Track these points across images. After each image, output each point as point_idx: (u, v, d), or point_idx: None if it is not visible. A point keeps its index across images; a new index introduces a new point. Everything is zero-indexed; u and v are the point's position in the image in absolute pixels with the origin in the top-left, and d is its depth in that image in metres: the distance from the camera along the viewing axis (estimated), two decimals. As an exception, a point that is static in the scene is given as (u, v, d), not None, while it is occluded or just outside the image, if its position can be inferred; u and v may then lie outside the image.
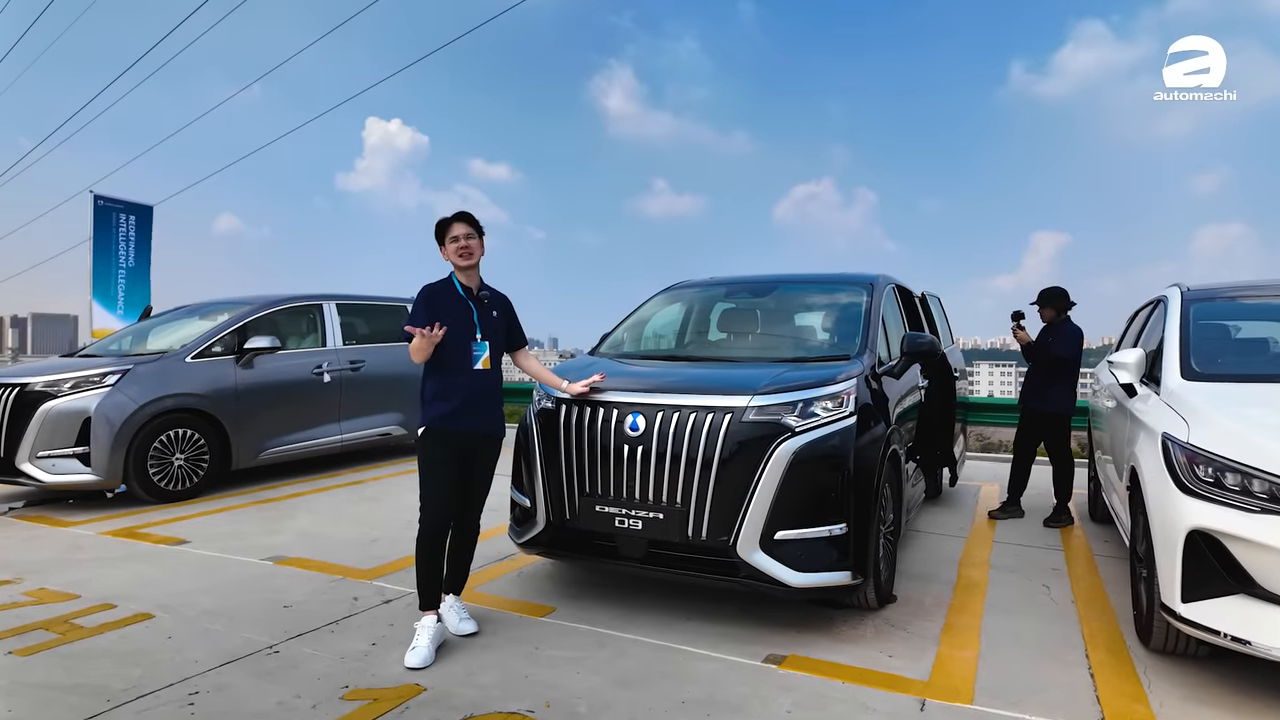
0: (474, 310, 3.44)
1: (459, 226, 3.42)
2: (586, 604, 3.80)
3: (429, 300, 3.40)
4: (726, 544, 3.29)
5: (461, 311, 3.41)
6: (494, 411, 3.51)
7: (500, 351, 3.57)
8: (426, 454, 3.34)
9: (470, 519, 3.51)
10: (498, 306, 3.55)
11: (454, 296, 3.44)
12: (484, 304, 3.48)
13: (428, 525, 3.33)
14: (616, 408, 3.56)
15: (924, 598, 3.99)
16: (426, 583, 3.32)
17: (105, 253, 14.65)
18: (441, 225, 3.47)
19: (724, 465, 3.31)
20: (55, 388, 5.93)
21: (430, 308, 3.35)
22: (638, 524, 3.43)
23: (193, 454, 6.38)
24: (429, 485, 3.33)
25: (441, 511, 3.34)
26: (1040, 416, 5.87)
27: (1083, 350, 5.83)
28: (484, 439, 3.46)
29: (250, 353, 6.84)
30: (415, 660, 3.07)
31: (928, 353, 4.52)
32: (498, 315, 3.53)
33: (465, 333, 3.37)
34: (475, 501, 3.52)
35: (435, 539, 3.34)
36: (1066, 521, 5.67)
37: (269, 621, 3.55)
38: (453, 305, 3.40)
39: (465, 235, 3.41)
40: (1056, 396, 5.77)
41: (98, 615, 3.61)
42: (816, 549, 3.29)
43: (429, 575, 3.33)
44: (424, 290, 3.46)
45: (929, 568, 4.54)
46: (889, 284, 5.06)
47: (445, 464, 3.32)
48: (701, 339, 4.95)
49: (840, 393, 3.50)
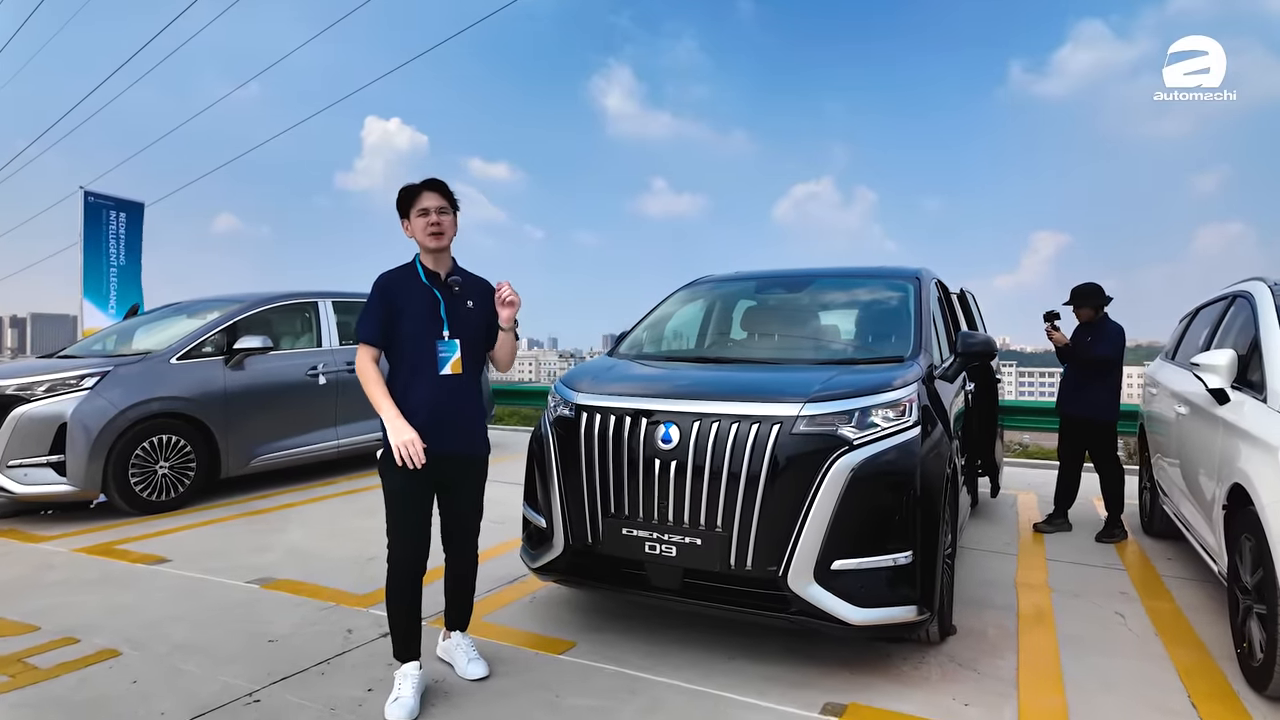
0: (441, 300, 2.78)
1: (429, 197, 2.74)
2: (610, 638, 3.37)
3: (386, 291, 2.75)
4: (775, 575, 2.85)
5: (425, 303, 2.76)
6: (472, 425, 2.86)
7: (479, 351, 2.88)
8: (390, 483, 2.72)
9: (464, 555, 2.94)
10: (475, 294, 2.87)
11: (417, 285, 2.79)
12: (455, 293, 2.81)
13: (396, 570, 2.75)
14: (646, 416, 3.12)
15: (986, 628, 3.56)
16: (401, 633, 2.78)
17: (96, 251, 14.22)
18: (406, 194, 2.77)
19: (771, 483, 2.88)
20: (28, 391, 5.49)
21: (387, 301, 2.73)
22: (671, 550, 3.00)
23: (178, 462, 5.94)
24: (395, 522, 2.74)
25: (412, 554, 2.75)
26: (1082, 422, 5.43)
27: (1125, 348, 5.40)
28: (462, 462, 2.82)
29: (240, 353, 6.41)
30: (399, 714, 2.61)
31: (982, 353, 4.08)
32: (474, 306, 2.84)
33: (429, 329, 2.74)
34: (466, 536, 2.92)
35: (406, 586, 2.76)
36: (1120, 536, 5.23)
37: (251, 660, 3.12)
38: (415, 295, 2.77)
39: (438, 209, 2.74)
40: (1099, 400, 5.32)
41: (57, 652, 3.18)
42: (879, 580, 2.86)
43: (403, 625, 2.77)
44: (380, 280, 2.79)
45: (983, 591, 4.11)
46: (933, 278, 4.63)
47: (414, 496, 2.73)
48: (733, 339, 4.50)
49: (901, 400, 3.07)
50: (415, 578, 2.77)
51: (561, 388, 3.51)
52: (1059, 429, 5.74)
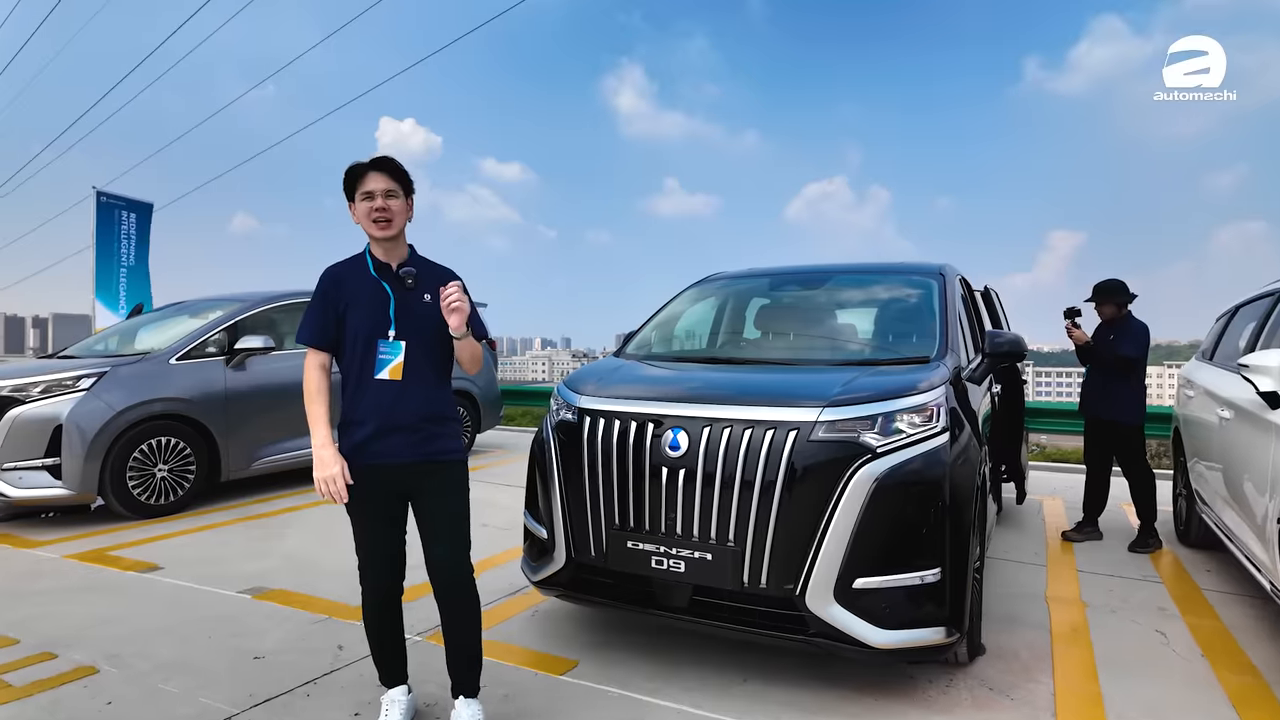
0: (390, 296, 2.44)
1: (375, 179, 2.38)
2: (616, 655, 3.17)
3: (329, 287, 2.44)
4: (792, 593, 2.64)
5: (372, 298, 2.42)
6: (432, 430, 2.44)
7: (437, 351, 2.48)
8: (351, 501, 2.42)
9: (454, 581, 2.48)
10: (433, 287, 2.46)
11: (365, 278, 2.45)
12: (407, 286, 2.44)
13: (370, 596, 2.50)
14: (652, 421, 2.92)
15: (1018, 647, 3.33)
16: (382, 659, 2.56)
17: (107, 251, 14.21)
18: (350, 175, 2.41)
19: (788, 494, 2.67)
20: (23, 392, 5.36)
21: (332, 298, 2.42)
22: (679, 565, 2.79)
23: (177, 465, 5.80)
24: (361, 543, 2.47)
25: (384, 576, 2.47)
26: (1108, 425, 5.17)
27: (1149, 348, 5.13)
28: (422, 470, 2.43)
29: (242, 353, 6.26)
30: None
31: (1011, 353, 3.85)
32: (433, 300, 2.45)
33: (374, 327, 2.40)
34: (450, 554, 2.47)
35: (383, 611, 2.50)
36: (1155, 546, 4.97)
37: (234, 679, 2.94)
38: (363, 290, 2.43)
39: (384, 192, 2.38)
40: (1125, 402, 5.05)
41: (33, 669, 3.01)
42: (905, 600, 2.64)
43: (385, 651, 2.54)
44: (324, 274, 2.48)
45: (1012, 606, 3.87)
46: (956, 274, 4.40)
47: (376, 513, 2.44)
48: (746, 338, 4.29)
49: (927, 404, 2.85)
50: (390, 600, 2.51)
51: (564, 390, 3.31)
52: (1084, 432, 5.48)
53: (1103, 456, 5.30)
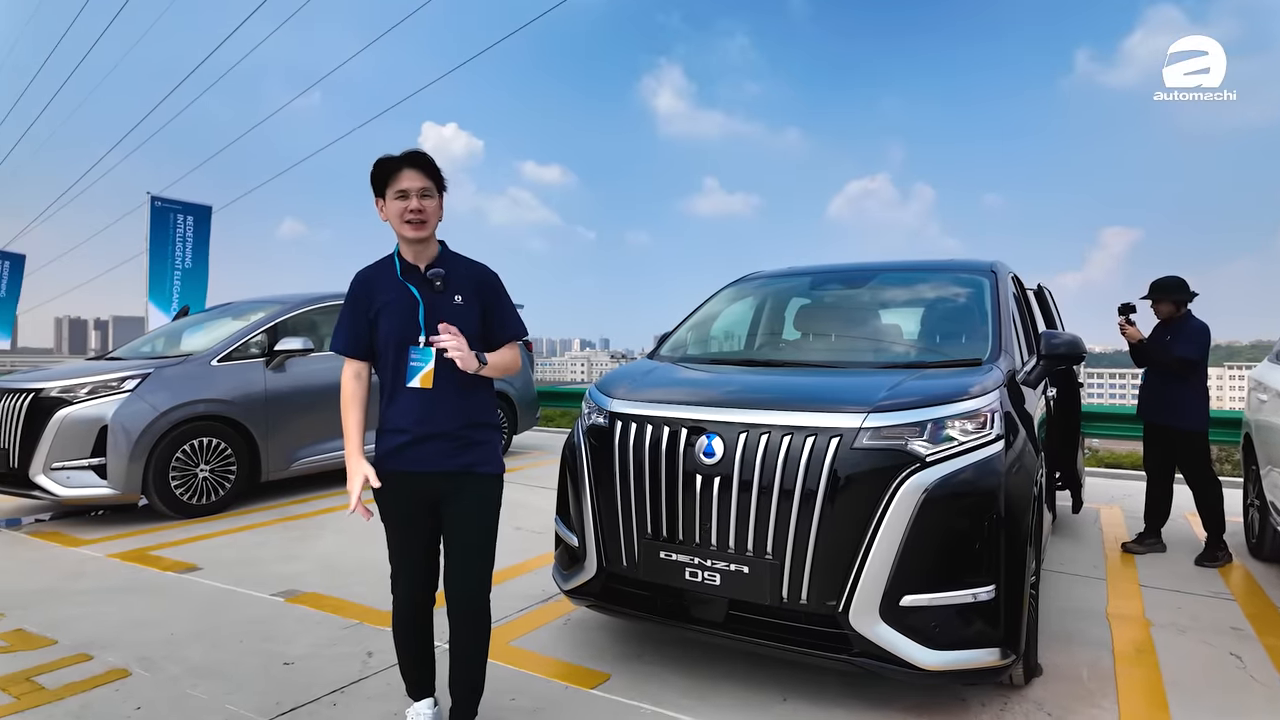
0: (419, 299, 2.31)
1: (410, 176, 2.24)
2: (650, 669, 3.05)
3: (359, 293, 2.35)
4: (834, 610, 2.49)
5: (401, 303, 2.30)
6: (466, 436, 2.32)
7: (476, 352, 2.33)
8: (383, 507, 2.39)
9: (468, 599, 2.35)
10: (465, 287, 2.35)
11: (393, 282, 2.33)
12: (436, 289, 2.31)
13: (400, 605, 2.43)
14: (685, 426, 2.80)
15: (1078, 668, 3.12)
16: (410, 671, 2.49)
17: (161, 254, 14.60)
18: (382, 170, 2.26)
19: (830, 505, 2.52)
20: (70, 393, 5.48)
21: (362, 304, 2.33)
22: (714, 578, 2.66)
23: (219, 465, 5.87)
24: (394, 550, 2.41)
25: (414, 585, 2.39)
26: (1168, 431, 4.87)
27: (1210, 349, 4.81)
28: (455, 480, 2.32)
29: (281, 355, 6.32)
30: None
31: (1068, 355, 3.63)
32: (464, 302, 2.34)
33: (404, 334, 2.29)
34: (469, 572, 2.35)
35: (412, 622, 2.43)
36: (1224, 559, 4.67)
37: (262, 685, 2.91)
38: (392, 295, 2.31)
39: (420, 191, 2.24)
40: (1186, 406, 4.74)
41: (68, 670, 3.02)
42: (956, 619, 2.47)
43: (412, 663, 2.47)
44: (354, 280, 2.39)
45: (1070, 622, 3.65)
46: (1009, 272, 4.18)
47: (408, 520, 2.36)
48: (786, 340, 4.14)
49: (980, 409, 2.68)
50: (420, 611, 2.43)
51: (596, 393, 3.21)
52: (1143, 438, 5.19)
53: (1163, 464, 5.01)
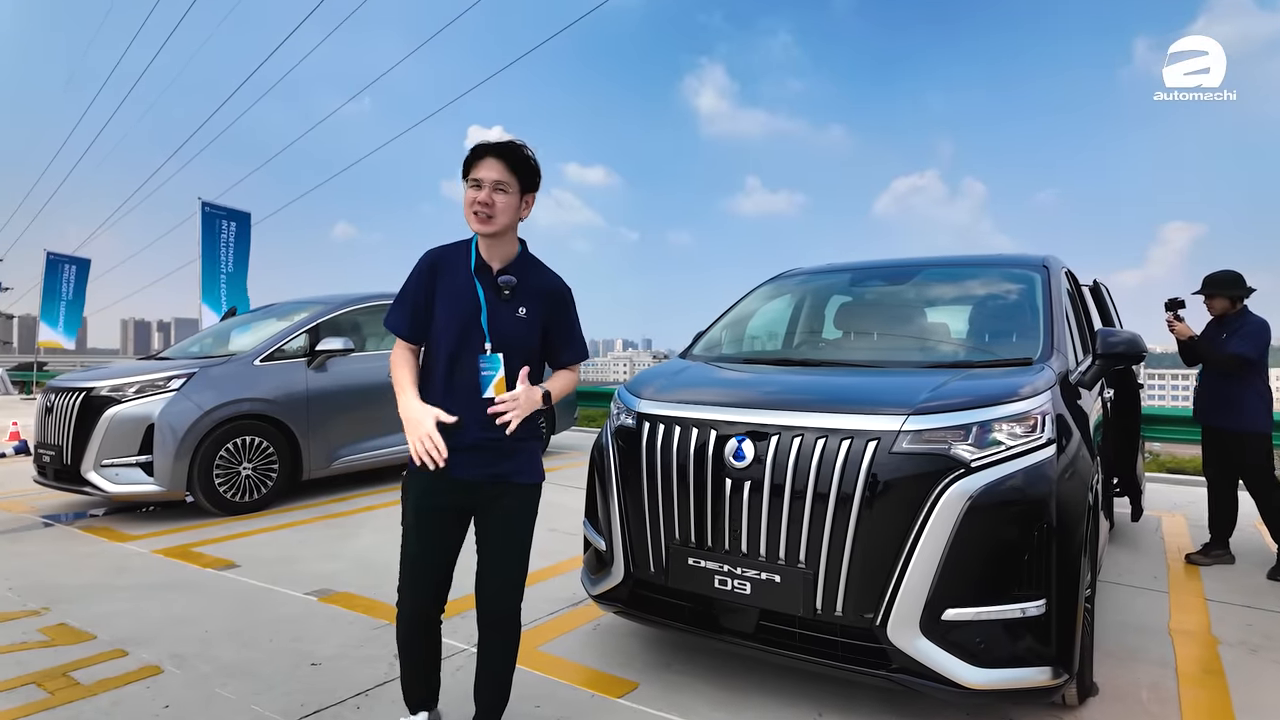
0: (483, 301, 2.20)
1: (487, 166, 2.13)
2: (679, 679, 2.96)
3: (428, 273, 2.23)
4: (872, 623, 2.37)
5: (466, 300, 2.19)
6: (509, 445, 2.21)
7: (527, 365, 2.22)
8: (410, 506, 2.25)
9: (500, 610, 2.27)
10: (532, 299, 2.24)
11: (463, 275, 2.22)
12: (504, 297, 2.20)
13: (407, 612, 2.28)
14: (715, 428, 2.69)
15: (1138, 689, 2.92)
16: (411, 682, 2.34)
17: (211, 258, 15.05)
18: (469, 157, 2.18)
19: (867, 512, 2.39)
20: (120, 392, 5.62)
21: (429, 285, 2.22)
22: (745, 587, 2.56)
23: (261, 463, 5.96)
24: (411, 558, 2.25)
25: (425, 592, 2.26)
26: (1226, 435, 4.58)
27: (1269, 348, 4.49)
28: (497, 489, 2.23)
29: (323, 355, 6.40)
30: None
31: (1127, 354, 3.41)
32: (527, 314, 2.22)
33: (468, 335, 2.18)
34: (503, 583, 2.25)
35: (416, 632, 2.29)
36: None
37: (289, 686, 2.89)
38: (459, 287, 2.21)
39: (494, 184, 2.12)
40: (1245, 408, 4.45)
41: (103, 666, 3.06)
42: (1004, 634, 2.32)
43: (415, 673, 2.33)
44: (425, 257, 2.26)
45: (1129, 637, 3.44)
46: (1061, 267, 3.97)
47: (435, 524, 2.22)
48: (825, 339, 4.00)
49: (1030, 412, 2.51)
50: (424, 630, 2.30)
51: (624, 393, 3.13)
52: (1201, 442, 4.90)
53: (1222, 469, 4.72)
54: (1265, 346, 4.45)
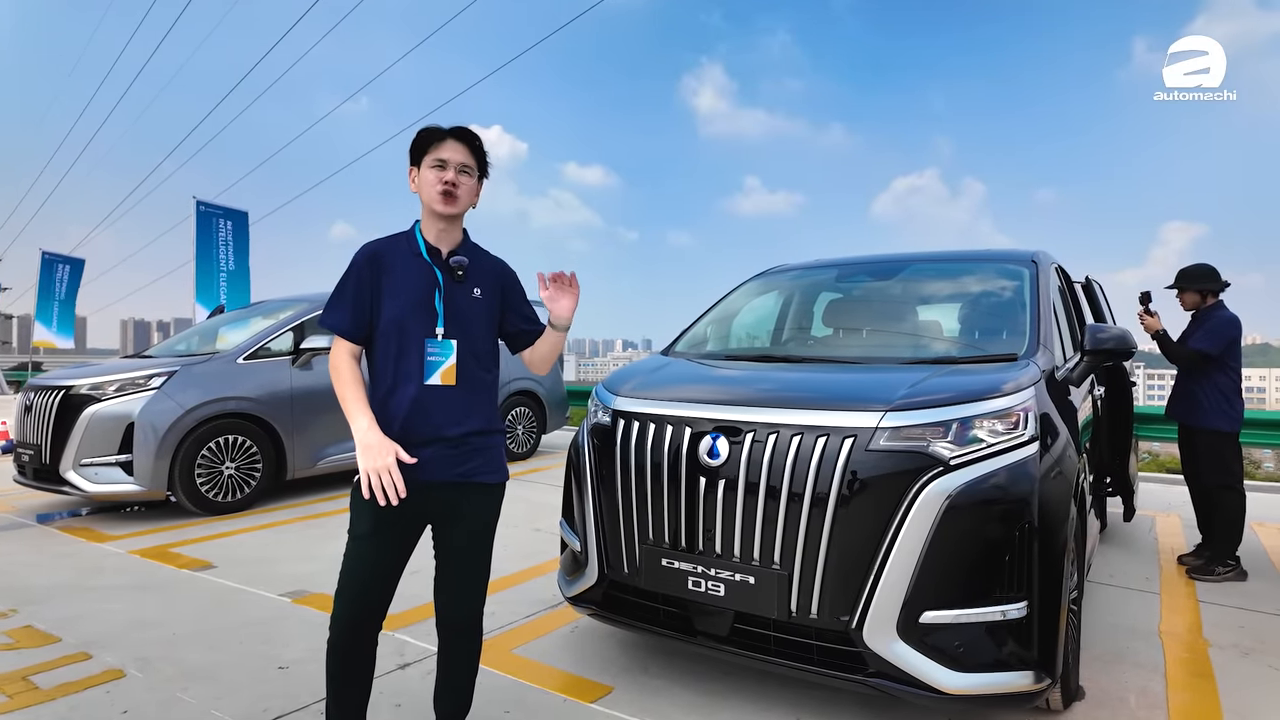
0: (440, 283, 2.11)
1: (452, 148, 2.08)
2: (654, 682, 2.88)
3: (366, 267, 2.08)
4: (847, 626, 2.29)
5: (418, 284, 2.08)
6: (474, 443, 2.11)
7: (483, 353, 2.16)
8: (368, 513, 2.02)
9: (462, 616, 2.17)
10: (484, 280, 2.18)
11: (412, 260, 2.11)
12: (458, 277, 2.12)
13: (340, 627, 2.05)
14: (689, 424, 2.62)
15: (1125, 693, 2.85)
16: (338, 702, 2.10)
17: (207, 257, 14.97)
18: (424, 138, 2.09)
19: (843, 511, 2.31)
20: (99, 391, 5.54)
21: (368, 280, 2.07)
22: (719, 588, 2.48)
23: (244, 463, 5.88)
24: (357, 563, 2.04)
25: (369, 605, 2.05)
26: (1187, 430, 4.54)
27: (1238, 344, 4.38)
28: (458, 491, 2.10)
29: (307, 353, 6.32)
30: None
31: (1116, 350, 3.33)
32: (481, 295, 2.16)
33: (419, 321, 2.07)
34: (465, 587, 2.15)
35: (350, 649, 2.07)
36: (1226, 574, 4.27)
37: (253, 690, 2.82)
38: (408, 274, 2.09)
39: (459, 165, 2.08)
40: (1207, 404, 4.38)
41: (65, 670, 2.98)
42: (984, 638, 2.24)
43: (342, 702, 2.10)
44: (361, 251, 2.12)
45: (1118, 640, 3.36)
46: (1051, 263, 3.89)
47: (390, 533, 2.05)
48: (807, 334, 3.92)
49: (1012, 408, 2.44)
50: (358, 647, 2.09)
51: (601, 391, 3.05)
52: (1178, 440, 4.83)
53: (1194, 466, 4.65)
54: (1227, 342, 4.35)
